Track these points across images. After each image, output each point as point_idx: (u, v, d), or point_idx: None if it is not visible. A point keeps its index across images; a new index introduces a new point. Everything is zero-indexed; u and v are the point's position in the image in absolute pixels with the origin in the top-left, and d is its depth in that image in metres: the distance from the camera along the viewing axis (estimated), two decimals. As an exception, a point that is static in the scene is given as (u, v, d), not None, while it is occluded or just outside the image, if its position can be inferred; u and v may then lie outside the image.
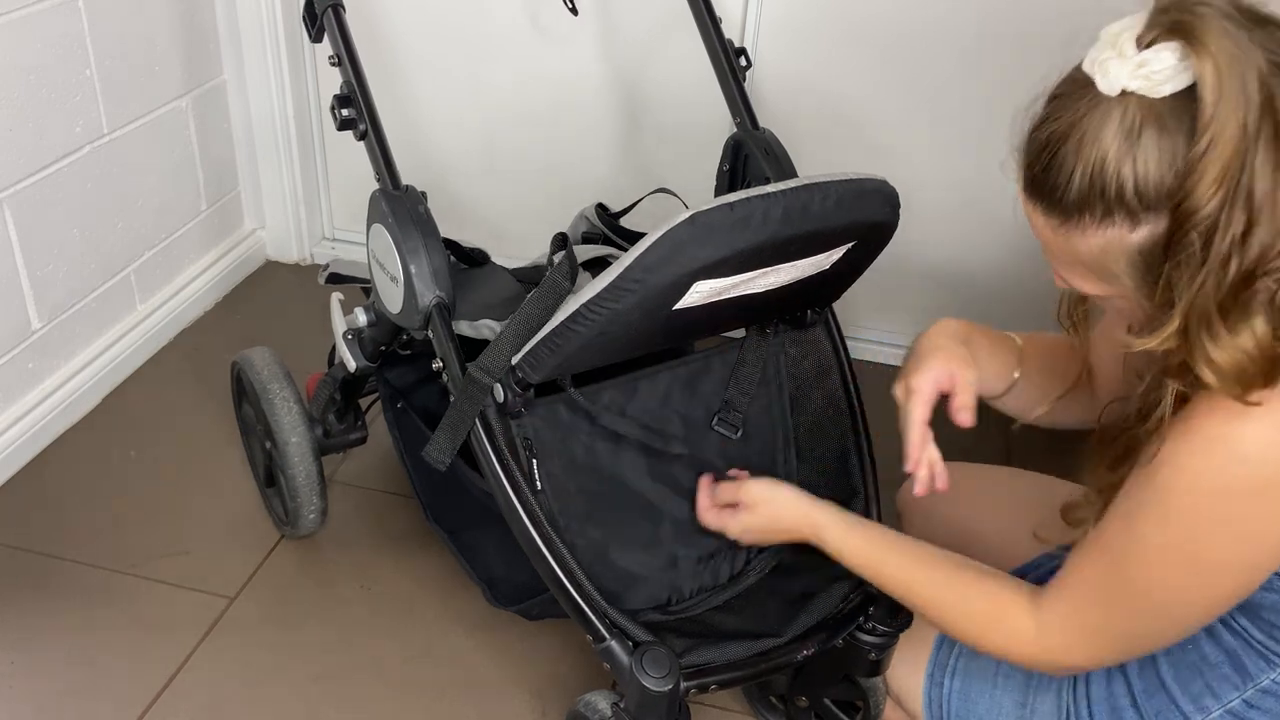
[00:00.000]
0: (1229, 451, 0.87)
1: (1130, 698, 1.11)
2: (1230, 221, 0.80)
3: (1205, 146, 0.80)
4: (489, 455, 1.13)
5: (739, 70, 1.48)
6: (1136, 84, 0.82)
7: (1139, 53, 0.82)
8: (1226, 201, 0.80)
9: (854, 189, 1.09)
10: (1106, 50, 0.84)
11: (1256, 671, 1.03)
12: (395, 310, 1.23)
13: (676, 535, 1.23)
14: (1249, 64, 0.78)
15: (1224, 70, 0.78)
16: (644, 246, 1.01)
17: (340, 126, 1.26)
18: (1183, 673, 1.08)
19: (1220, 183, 0.79)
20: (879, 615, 1.21)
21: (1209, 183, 0.80)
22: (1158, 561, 0.94)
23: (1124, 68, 0.83)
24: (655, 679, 1.05)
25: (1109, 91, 0.84)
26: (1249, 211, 0.80)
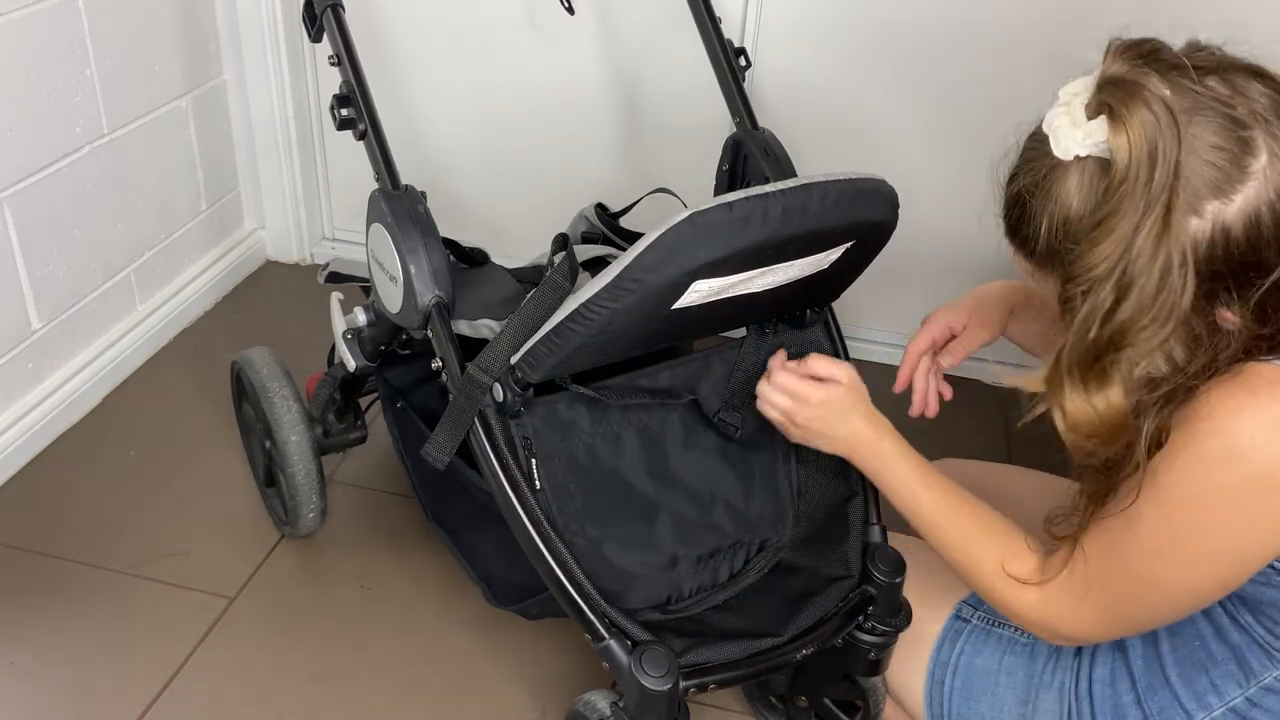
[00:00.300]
0: (1224, 447, 0.89)
1: (1134, 695, 1.11)
2: (1102, 293, 0.86)
3: (1104, 217, 0.85)
4: (488, 455, 1.13)
5: (738, 70, 1.48)
6: (1086, 150, 0.87)
7: (1088, 122, 0.87)
8: (1105, 275, 0.86)
9: (853, 188, 1.09)
10: (1061, 116, 0.89)
11: (1260, 669, 1.04)
12: (394, 310, 1.23)
13: (676, 534, 1.23)
14: (1165, 157, 0.82)
15: (1134, 160, 0.83)
16: (643, 246, 1.00)
17: (340, 126, 1.26)
18: (1187, 670, 1.08)
19: (1106, 257, 0.85)
20: (878, 614, 1.21)
21: (1100, 252, 0.85)
22: (1151, 549, 0.96)
23: (1075, 136, 0.87)
24: (654, 678, 1.05)
25: (1062, 156, 0.89)
26: (1119, 289, 0.86)
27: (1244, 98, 0.85)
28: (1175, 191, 0.83)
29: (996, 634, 1.21)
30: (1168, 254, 0.84)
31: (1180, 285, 0.85)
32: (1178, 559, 0.96)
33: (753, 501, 1.29)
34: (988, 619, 1.22)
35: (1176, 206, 0.83)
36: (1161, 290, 0.85)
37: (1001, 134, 1.01)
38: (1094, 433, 0.92)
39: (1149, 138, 0.83)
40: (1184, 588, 0.98)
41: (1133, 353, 0.88)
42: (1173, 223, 0.83)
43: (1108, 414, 0.90)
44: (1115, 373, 0.89)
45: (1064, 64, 0.96)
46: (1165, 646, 1.11)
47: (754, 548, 1.27)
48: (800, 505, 1.31)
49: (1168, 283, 0.84)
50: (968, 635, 1.22)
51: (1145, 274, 0.84)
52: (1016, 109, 1.00)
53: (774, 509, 1.30)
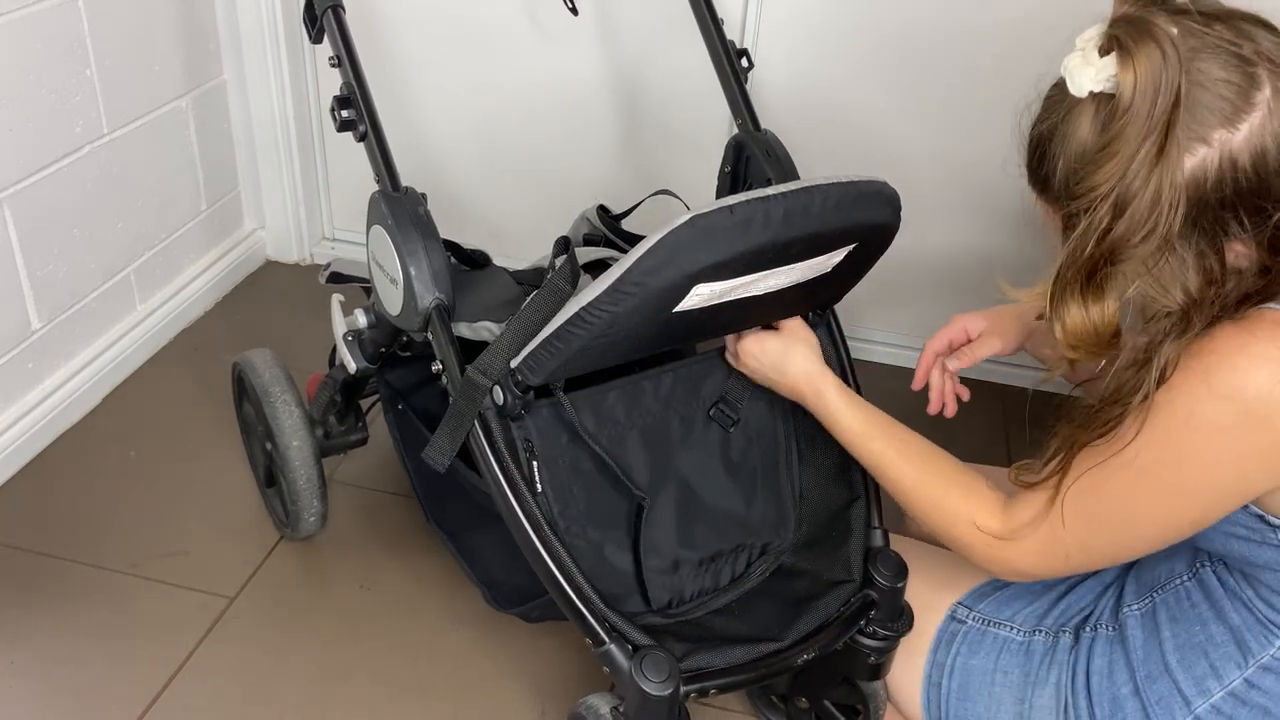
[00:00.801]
0: (1221, 383, 0.92)
1: (1132, 685, 1.12)
2: (1100, 210, 0.91)
3: (1106, 143, 0.91)
4: (488, 458, 1.13)
5: (741, 72, 1.48)
6: (1100, 86, 0.92)
7: (1100, 59, 0.92)
8: (1105, 195, 0.91)
9: (855, 191, 1.09)
10: (1075, 56, 0.94)
11: (1258, 647, 1.05)
12: (395, 312, 1.23)
13: (678, 538, 1.23)
14: (1167, 89, 0.87)
15: (1139, 86, 0.88)
16: (643, 249, 1.00)
17: (340, 128, 1.25)
18: (1187, 654, 1.09)
19: (1107, 178, 0.90)
20: (880, 619, 1.21)
21: (1101, 174, 0.91)
22: (1132, 481, 0.98)
23: (1088, 73, 0.92)
24: (655, 683, 1.04)
25: (1077, 93, 0.93)
26: (1115, 209, 0.91)
27: (1249, 40, 0.90)
28: (1174, 122, 0.88)
29: (992, 634, 1.21)
30: (1159, 179, 0.89)
31: (1170, 210, 0.90)
32: (1158, 490, 0.98)
33: (755, 505, 1.28)
34: (983, 619, 1.22)
35: (1174, 136, 0.88)
36: (1153, 212, 0.90)
37: (1004, 134, 1.03)
38: (1084, 342, 0.97)
39: (1153, 69, 0.87)
40: (1157, 522, 1.01)
41: (1126, 268, 0.93)
42: (1169, 151, 0.88)
43: (1100, 325, 0.96)
44: (1110, 287, 0.95)
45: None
46: (1166, 632, 1.11)
47: (756, 551, 1.27)
48: (802, 509, 1.31)
49: (1159, 206, 0.89)
50: (963, 636, 1.22)
51: (1139, 195, 0.89)
52: (1018, 109, 1.02)
53: (776, 512, 1.30)
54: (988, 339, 1.30)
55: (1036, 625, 1.20)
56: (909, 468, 1.16)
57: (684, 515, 1.24)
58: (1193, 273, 0.93)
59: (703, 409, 1.28)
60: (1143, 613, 1.14)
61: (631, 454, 1.23)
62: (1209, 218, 0.91)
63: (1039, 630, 1.20)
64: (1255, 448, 0.93)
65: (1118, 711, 1.12)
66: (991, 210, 1.99)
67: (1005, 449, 1.88)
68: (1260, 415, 0.91)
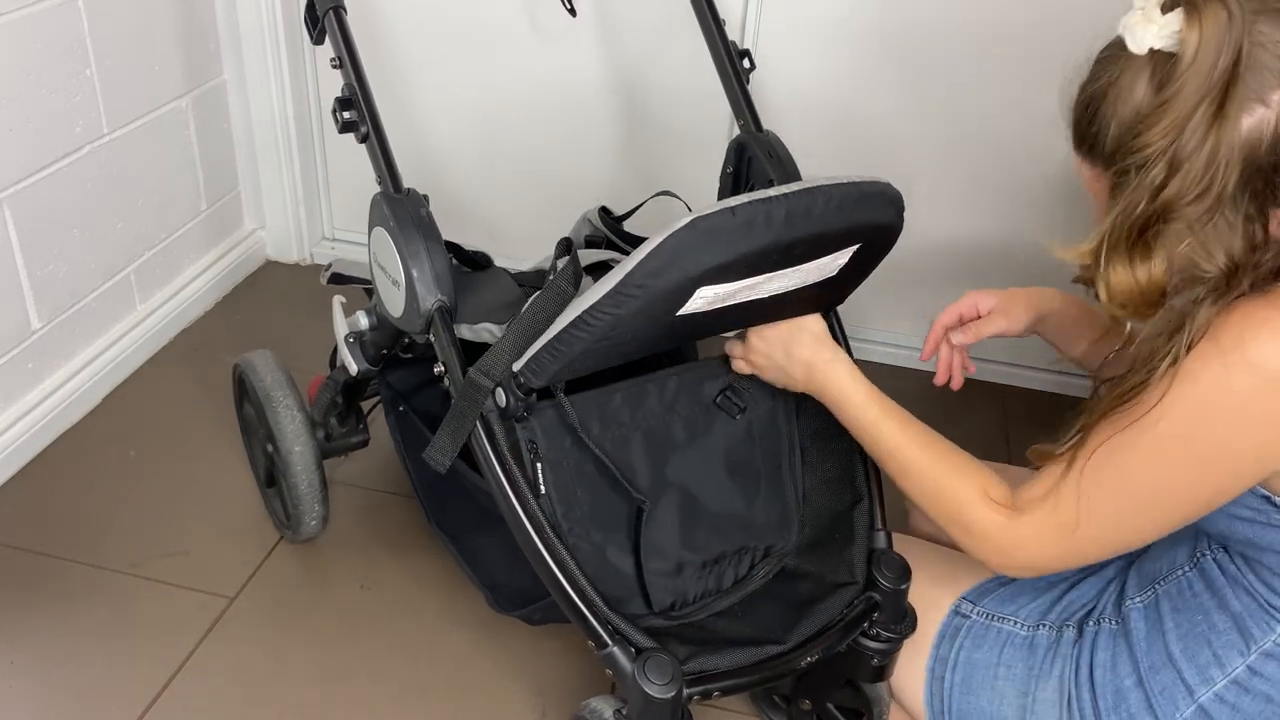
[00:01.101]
0: (1247, 355, 0.92)
1: (1136, 676, 1.12)
2: (1154, 168, 0.91)
3: (1165, 100, 0.90)
4: (490, 460, 1.12)
5: (743, 72, 1.48)
6: (1161, 43, 0.91)
7: (1162, 16, 0.90)
8: (1160, 152, 0.90)
9: (857, 191, 1.08)
10: (1136, 14, 0.93)
11: (1260, 633, 1.06)
12: (397, 314, 1.23)
13: (681, 540, 1.22)
14: (1229, 47, 0.87)
15: (1203, 44, 0.87)
16: (645, 252, 1.00)
17: (342, 129, 1.25)
18: (1190, 644, 1.09)
19: (1163, 135, 0.90)
20: (883, 621, 1.21)
21: (1157, 131, 0.90)
22: (1151, 449, 0.98)
23: (1149, 30, 0.91)
24: (658, 686, 1.04)
25: (1137, 50, 0.92)
26: (1169, 167, 0.90)
27: None
28: (1234, 82, 0.87)
29: (996, 629, 1.21)
30: (1216, 139, 0.88)
31: (1224, 170, 0.89)
32: (1177, 460, 0.98)
33: (758, 507, 1.28)
34: (987, 614, 1.22)
35: (1233, 96, 0.88)
36: (1208, 171, 0.89)
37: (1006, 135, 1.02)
38: (1129, 301, 0.97)
39: (1218, 27, 0.87)
40: (1174, 495, 1.00)
41: (1177, 227, 0.93)
42: (1227, 110, 0.88)
43: (1147, 285, 0.96)
44: (1159, 246, 0.94)
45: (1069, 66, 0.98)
46: (1169, 623, 1.12)
47: (759, 553, 1.27)
48: (805, 511, 1.31)
49: (1213, 165, 0.89)
50: (967, 631, 1.22)
51: (1195, 154, 0.89)
52: (1021, 109, 1.01)
53: (779, 514, 1.29)
54: (995, 317, 1.31)
55: (1040, 620, 1.20)
56: (920, 453, 1.15)
57: (687, 517, 1.23)
58: (1239, 237, 0.93)
59: (705, 412, 1.27)
60: (1145, 605, 1.15)
61: (635, 456, 1.23)
62: (1261, 181, 0.91)
63: (1043, 625, 1.20)
64: (1276, 420, 0.93)
65: (1121, 703, 1.12)
66: (994, 210, 1.99)
67: (1005, 449, 1.88)
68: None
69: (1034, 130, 1.01)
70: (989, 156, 1.94)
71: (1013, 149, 1.88)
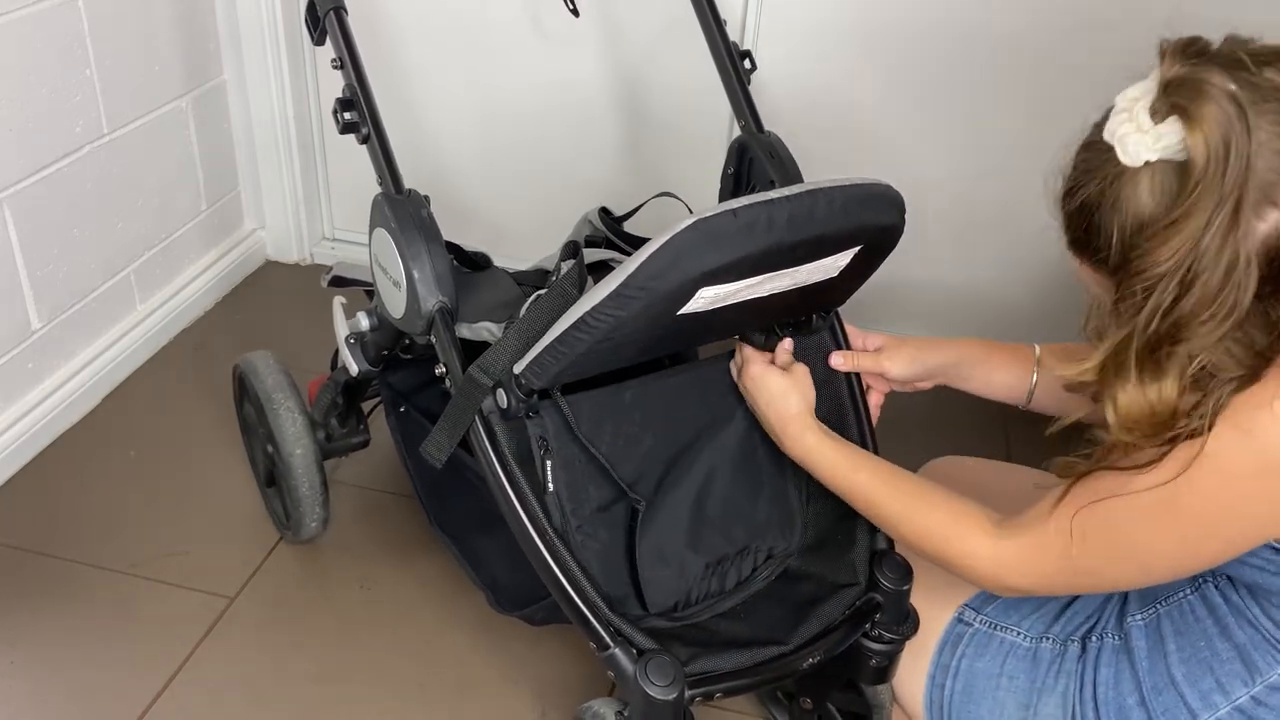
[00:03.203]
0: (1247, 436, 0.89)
1: (1139, 695, 1.11)
2: (1165, 289, 0.86)
3: (1178, 217, 0.85)
4: (492, 461, 1.12)
5: (744, 73, 1.48)
6: (1157, 154, 0.86)
7: (1154, 126, 0.86)
8: (1169, 271, 0.85)
9: (859, 194, 1.08)
10: (1125, 124, 0.88)
11: (1266, 667, 1.04)
12: (398, 315, 1.23)
13: (686, 541, 1.22)
14: (1238, 152, 0.82)
15: (1212, 152, 0.83)
16: (647, 253, 0.99)
17: (343, 130, 1.25)
18: (1193, 669, 1.08)
19: (1174, 253, 0.85)
20: (885, 622, 1.20)
21: (1167, 250, 0.85)
22: (1145, 520, 0.96)
23: (1143, 141, 0.86)
24: (660, 687, 1.04)
25: (1132, 164, 0.87)
26: (1181, 286, 0.86)
27: None
28: (1246, 186, 0.83)
29: (999, 638, 1.20)
30: (1234, 250, 0.84)
31: (1243, 281, 0.85)
32: (1173, 532, 0.96)
33: (762, 508, 1.28)
34: (990, 623, 1.22)
35: (1246, 202, 0.83)
36: (1225, 287, 0.85)
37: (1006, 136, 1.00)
38: (1140, 424, 0.92)
39: (1223, 133, 0.82)
40: (1166, 560, 0.99)
41: (1190, 346, 0.88)
42: (1241, 219, 0.83)
43: (1159, 406, 0.90)
44: (1171, 365, 0.89)
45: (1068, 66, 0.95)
46: (1171, 645, 1.10)
47: (762, 555, 1.26)
48: (809, 512, 1.30)
49: (1232, 279, 0.84)
50: (969, 639, 1.22)
51: (1210, 269, 0.84)
52: (1025, 111, 0.99)
53: (782, 516, 1.29)
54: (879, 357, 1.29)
55: (1044, 632, 1.19)
56: (894, 499, 1.15)
57: (693, 518, 1.23)
58: (1260, 332, 0.89)
59: (709, 412, 1.27)
60: (1147, 623, 1.14)
61: (645, 455, 1.23)
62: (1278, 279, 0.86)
63: (1046, 637, 1.19)
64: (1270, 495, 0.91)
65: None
66: (995, 210, 1.99)
67: (1005, 449, 1.88)
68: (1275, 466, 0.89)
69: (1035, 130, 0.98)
70: (993, 156, 1.95)
71: (1014, 149, 1.88)
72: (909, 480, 1.17)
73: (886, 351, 1.30)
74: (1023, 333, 1.37)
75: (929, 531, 1.13)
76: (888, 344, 1.31)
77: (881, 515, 1.17)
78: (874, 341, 1.31)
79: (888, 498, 1.16)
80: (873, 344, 1.31)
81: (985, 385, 1.31)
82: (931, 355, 1.30)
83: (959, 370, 1.30)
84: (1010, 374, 1.29)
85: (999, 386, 1.30)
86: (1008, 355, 1.30)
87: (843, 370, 1.29)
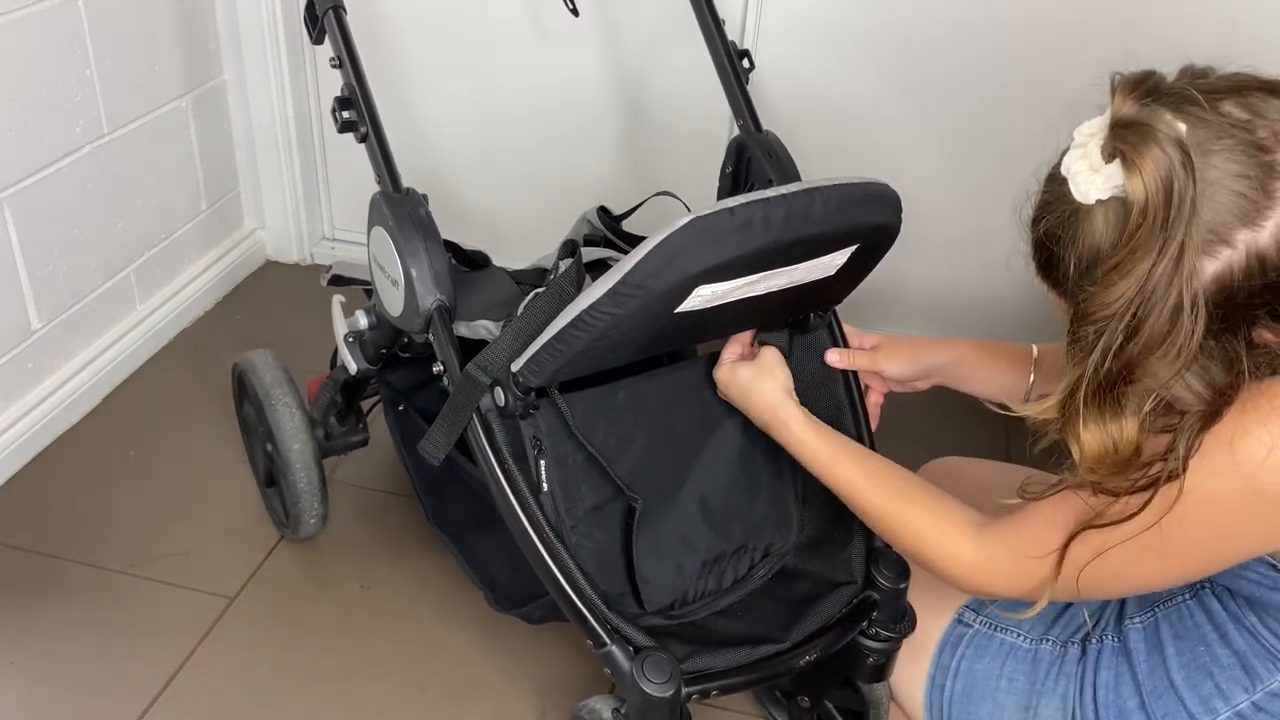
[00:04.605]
0: (1228, 462, 0.89)
1: (1139, 699, 1.11)
2: (1114, 330, 0.86)
3: (1120, 260, 0.85)
4: (489, 459, 1.13)
5: (742, 73, 1.49)
6: (1106, 194, 0.86)
7: (1104, 165, 0.86)
8: (1119, 313, 0.86)
9: (856, 193, 1.09)
10: (1079, 161, 0.88)
11: (1266, 674, 1.04)
12: (396, 313, 1.24)
13: (683, 539, 1.23)
14: (1179, 196, 0.82)
15: (1150, 195, 0.83)
16: (644, 252, 1.00)
17: (341, 129, 1.26)
18: (1192, 674, 1.09)
19: (1119, 297, 0.85)
20: (882, 620, 1.21)
21: (1114, 291, 0.85)
22: (1134, 555, 0.95)
23: (1093, 180, 0.87)
24: (656, 685, 1.05)
25: (1083, 201, 0.88)
26: (1129, 328, 0.86)
27: (1263, 119, 0.84)
28: (1190, 231, 0.82)
29: (999, 639, 1.21)
30: (1179, 294, 0.83)
31: (1190, 325, 0.84)
32: (1160, 563, 0.97)
33: (759, 507, 1.29)
34: (990, 624, 1.22)
35: (1190, 247, 0.83)
36: (1172, 330, 0.85)
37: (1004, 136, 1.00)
38: (1103, 463, 0.92)
39: (1163, 179, 0.82)
40: (1147, 578, 1.01)
41: (1143, 386, 0.88)
42: (1184, 263, 0.83)
43: (1121, 443, 0.90)
44: (1127, 404, 0.89)
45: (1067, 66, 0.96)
46: (1170, 649, 1.11)
47: (759, 553, 1.28)
48: (805, 511, 1.31)
49: (1178, 322, 0.84)
50: (969, 640, 1.22)
51: (1156, 313, 0.84)
52: (1022, 111, 1.00)
53: (779, 514, 1.30)
54: (876, 356, 1.31)
55: (1044, 634, 1.20)
56: (875, 492, 1.15)
57: (690, 516, 1.24)
58: (1220, 370, 0.89)
59: (706, 411, 1.28)
60: (1145, 626, 1.14)
61: (640, 454, 1.24)
62: (1237, 315, 0.86)
63: (1046, 639, 1.20)
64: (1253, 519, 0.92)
65: None
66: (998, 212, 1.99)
67: (1005, 448, 1.88)
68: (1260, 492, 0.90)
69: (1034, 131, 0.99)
70: (991, 156, 1.95)
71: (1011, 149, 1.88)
72: (892, 475, 1.17)
73: (883, 350, 1.31)
74: (1020, 334, 1.38)
75: (907, 529, 1.13)
76: (884, 343, 1.31)
77: (861, 508, 1.17)
78: (871, 340, 1.32)
79: (867, 490, 1.16)
80: (869, 343, 1.32)
81: (982, 386, 1.31)
82: (929, 355, 1.31)
83: (956, 370, 1.31)
84: (1008, 375, 1.30)
85: (996, 387, 1.30)
86: (1005, 356, 1.30)
87: (839, 367, 1.29)
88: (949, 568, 1.09)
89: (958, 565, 1.09)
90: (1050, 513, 1.00)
